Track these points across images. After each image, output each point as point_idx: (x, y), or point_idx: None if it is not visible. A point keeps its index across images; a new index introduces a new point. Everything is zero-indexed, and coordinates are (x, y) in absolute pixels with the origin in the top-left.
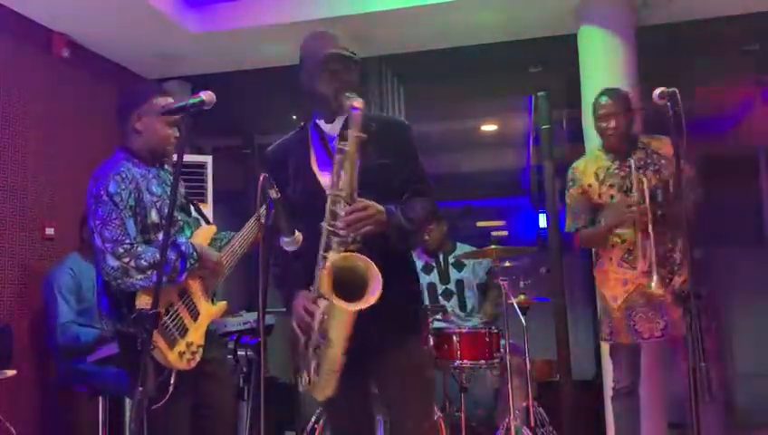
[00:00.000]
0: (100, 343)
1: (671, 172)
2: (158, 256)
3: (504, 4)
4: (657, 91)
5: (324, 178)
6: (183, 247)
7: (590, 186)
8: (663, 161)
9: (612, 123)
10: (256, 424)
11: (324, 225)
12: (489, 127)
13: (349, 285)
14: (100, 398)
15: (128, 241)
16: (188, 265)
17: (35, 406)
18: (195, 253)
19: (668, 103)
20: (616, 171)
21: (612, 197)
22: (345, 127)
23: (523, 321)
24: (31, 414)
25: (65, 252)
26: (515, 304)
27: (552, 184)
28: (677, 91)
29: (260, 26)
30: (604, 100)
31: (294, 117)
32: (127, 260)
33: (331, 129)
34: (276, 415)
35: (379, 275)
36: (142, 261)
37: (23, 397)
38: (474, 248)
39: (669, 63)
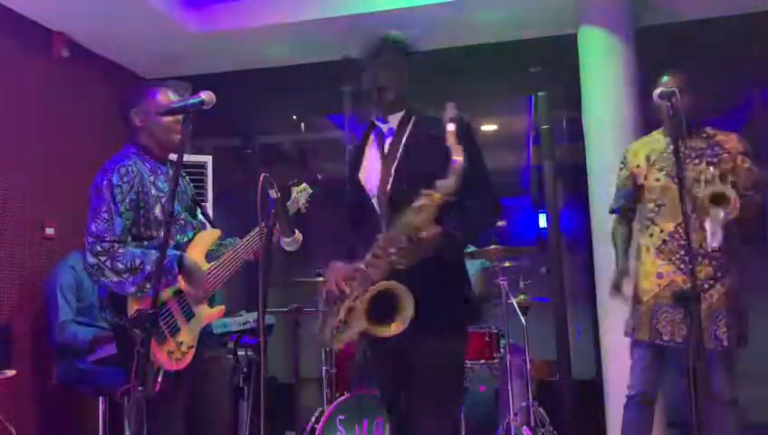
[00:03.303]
0: (98, 342)
1: (730, 168)
2: (137, 260)
3: (504, 4)
4: (657, 90)
5: (368, 183)
6: (166, 262)
7: (638, 167)
8: (724, 155)
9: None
10: (256, 424)
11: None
12: (489, 127)
13: (385, 304)
14: (101, 398)
15: (108, 238)
16: (165, 281)
17: (35, 406)
18: (176, 269)
19: (668, 103)
20: (669, 154)
21: (658, 180)
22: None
23: (523, 321)
24: (31, 414)
25: (65, 252)
26: (515, 304)
27: (552, 184)
28: (677, 91)
29: (260, 26)
30: (664, 78)
31: (294, 117)
32: (103, 259)
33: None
34: (276, 415)
35: (412, 304)
36: (118, 263)
37: (23, 397)
38: (474, 248)
39: (669, 63)
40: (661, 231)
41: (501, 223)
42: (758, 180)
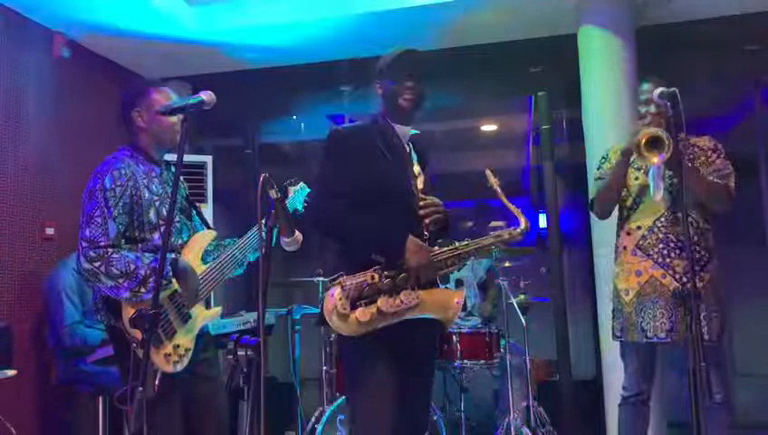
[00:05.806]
0: (106, 345)
1: (702, 163)
2: (131, 265)
3: (504, 4)
4: (657, 91)
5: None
6: (159, 264)
7: None
8: (698, 151)
9: (652, 108)
10: (256, 424)
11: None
12: (489, 127)
13: None
14: (100, 398)
15: (103, 244)
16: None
17: (35, 406)
18: (169, 271)
19: (668, 103)
20: None
21: (637, 178)
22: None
23: (523, 321)
24: (31, 414)
25: (65, 252)
26: (515, 304)
27: (552, 184)
28: (677, 91)
29: (259, 27)
30: (646, 85)
31: (294, 117)
32: (98, 265)
33: (401, 131)
34: (276, 415)
35: None
36: (113, 268)
37: (23, 397)
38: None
39: (669, 63)
40: (638, 228)
41: (501, 223)
42: (722, 170)
